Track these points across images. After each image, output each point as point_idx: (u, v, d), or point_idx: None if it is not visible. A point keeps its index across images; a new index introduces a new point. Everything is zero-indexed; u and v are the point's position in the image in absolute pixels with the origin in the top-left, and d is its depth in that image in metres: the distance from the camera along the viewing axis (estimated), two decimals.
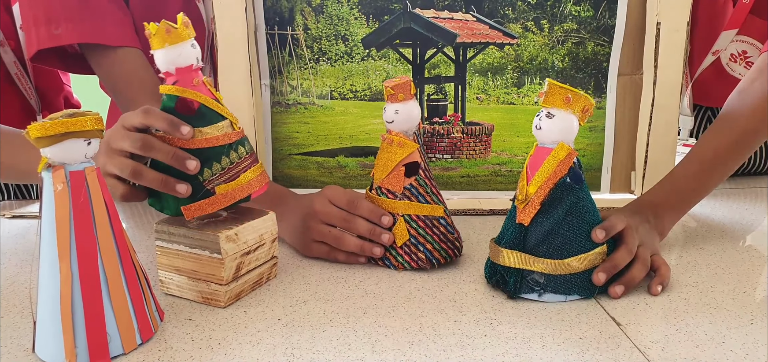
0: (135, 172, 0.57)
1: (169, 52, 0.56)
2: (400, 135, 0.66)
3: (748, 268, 0.67)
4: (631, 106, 0.84)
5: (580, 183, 0.59)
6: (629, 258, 0.60)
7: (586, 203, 0.60)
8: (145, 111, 0.57)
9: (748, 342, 0.52)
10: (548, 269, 0.58)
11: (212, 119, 0.58)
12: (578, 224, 0.59)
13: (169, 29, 0.55)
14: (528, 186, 0.59)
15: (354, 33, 0.84)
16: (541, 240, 0.59)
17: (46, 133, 0.45)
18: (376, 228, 0.66)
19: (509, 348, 0.51)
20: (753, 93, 0.76)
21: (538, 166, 0.59)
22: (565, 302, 0.59)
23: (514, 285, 0.59)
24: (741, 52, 0.96)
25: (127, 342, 0.50)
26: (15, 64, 0.94)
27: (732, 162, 0.75)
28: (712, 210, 0.87)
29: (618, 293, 0.59)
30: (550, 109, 0.58)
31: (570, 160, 0.58)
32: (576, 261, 0.59)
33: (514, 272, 0.59)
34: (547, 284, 0.59)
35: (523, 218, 0.59)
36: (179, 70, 0.57)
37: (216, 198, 0.57)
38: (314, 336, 0.53)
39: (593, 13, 0.82)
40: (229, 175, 0.58)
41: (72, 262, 0.47)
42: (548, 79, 0.58)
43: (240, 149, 0.59)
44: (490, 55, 0.84)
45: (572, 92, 0.57)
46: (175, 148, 0.56)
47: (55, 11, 0.79)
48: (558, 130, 0.58)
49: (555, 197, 0.58)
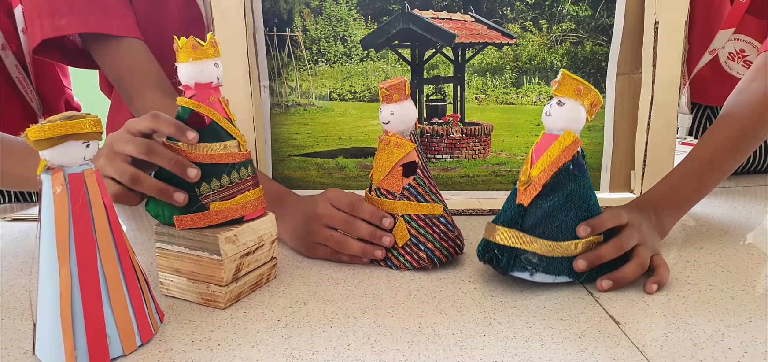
0: (133, 178, 0.58)
1: (192, 66, 0.57)
2: (396, 135, 0.66)
3: (747, 266, 0.67)
4: (630, 105, 0.84)
5: (582, 171, 0.60)
6: (616, 254, 0.61)
7: (586, 191, 0.61)
8: (153, 115, 0.58)
9: (747, 340, 0.52)
10: (543, 250, 0.59)
11: (221, 137, 0.59)
12: (576, 211, 0.60)
13: (196, 45, 0.57)
14: (531, 169, 0.60)
15: (353, 34, 0.84)
16: (539, 221, 0.60)
17: (45, 136, 0.45)
18: (377, 231, 0.66)
19: (508, 347, 0.51)
20: (752, 92, 0.76)
21: (543, 151, 0.60)
22: (564, 298, 0.59)
23: (507, 263, 0.60)
24: (739, 51, 0.96)
25: (127, 343, 0.50)
26: (16, 67, 0.94)
27: (732, 161, 0.75)
28: (712, 208, 0.87)
29: (603, 287, 0.60)
30: (561, 98, 0.59)
31: (575, 147, 0.60)
32: (571, 245, 0.59)
33: (507, 250, 0.60)
34: (539, 264, 0.60)
35: (524, 199, 0.60)
36: (198, 86, 0.58)
37: (208, 214, 0.58)
38: (314, 337, 0.54)
39: (591, 13, 0.82)
40: (225, 194, 0.58)
41: (71, 265, 0.47)
42: (562, 70, 0.59)
43: (242, 170, 0.60)
44: (489, 55, 0.84)
45: (584, 84, 0.59)
46: (177, 155, 0.57)
47: (58, 3, 0.80)
48: (566, 118, 0.59)
49: (557, 181, 0.59)
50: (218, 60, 0.59)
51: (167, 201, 0.58)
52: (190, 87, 0.59)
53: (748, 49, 0.95)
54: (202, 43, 0.58)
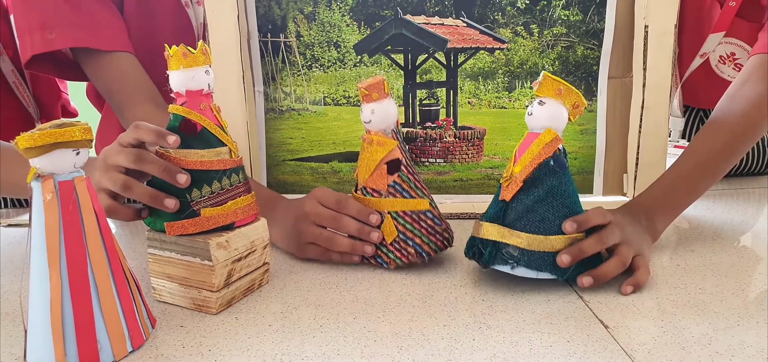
0: (125, 185, 0.58)
1: (183, 74, 0.58)
2: (379, 134, 0.67)
3: (738, 270, 0.68)
4: (622, 108, 0.84)
5: (563, 168, 0.61)
6: (598, 248, 0.61)
7: (567, 188, 0.62)
8: (135, 125, 0.59)
9: (735, 343, 0.52)
10: (523, 243, 0.60)
11: (212, 143, 0.59)
12: (557, 207, 0.61)
13: (186, 53, 0.58)
14: (514, 166, 0.61)
15: (346, 39, 0.84)
16: (520, 215, 0.61)
17: (35, 144, 0.45)
18: (365, 227, 0.67)
19: (497, 351, 0.52)
20: (742, 96, 0.76)
21: (525, 150, 0.61)
22: (553, 302, 0.60)
23: (489, 257, 0.61)
24: (729, 54, 0.96)
25: (118, 349, 0.51)
26: (13, 72, 0.95)
27: (723, 164, 0.75)
28: (705, 211, 0.88)
29: (585, 284, 0.61)
30: (542, 98, 0.61)
31: (555, 144, 0.61)
32: (552, 240, 0.60)
33: (490, 244, 0.61)
34: (520, 258, 0.60)
35: (506, 194, 0.62)
36: (189, 93, 0.59)
37: (199, 220, 0.58)
38: (304, 342, 0.54)
39: (582, 17, 0.82)
40: (216, 200, 0.59)
41: (62, 271, 0.48)
42: (544, 71, 0.61)
43: (233, 177, 0.61)
44: (481, 59, 0.85)
45: (564, 85, 0.60)
46: (167, 162, 0.57)
47: (49, 17, 0.80)
48: (547, 117, 0.61)
49: (537, 176, 0.61)
50: (209, 67, 0.60)
51: (159, 208, 0.58)
52: (182, 94, 0.59)
53: (738, 53, 0.96)
54: (192, 51, 0.58)
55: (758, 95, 0.76)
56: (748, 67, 0.80)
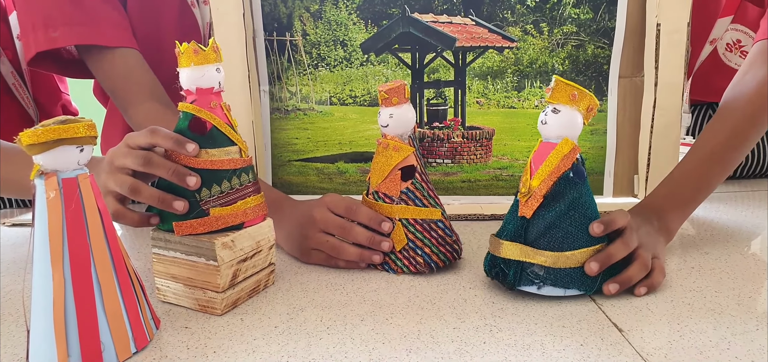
0: (133, 188, 0.57)
1: (194, 71, 0.57)
2: (395, 139, 0.65)
3: (754, 273, 0.66)
4: (633, 108, 0.83)
5: (582, 178, 0.59)
6: (626, 252, 0.60)
7: (588, 199, 0.60)
8: (152, 130, 0.58)
9: (754, 348, 0.51)
10: (548, 262, 0.58)
11: (221, 143, 0.58)
12: (580, 219, 0.59)
13: (197, 50, 0.57)
14: (531, 179, 0.59)
15: (353, 38, 0.83)
16: (543, 232, 0.58)
17: (38, 140, 0.44)
18: (375, 236, 0.65)
19: (509, 355, 0.51)
20: (746, 84, 0.75)
21: (541, 161, 0.59)
22: (566, 305, 0.58)
23: (513, 278, 0.59)
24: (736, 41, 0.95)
25: (122, 350, 0.50)
26: (12, 74, 0.94)
27: (732, 156, 0.74)
28: (717, 213, 0.86)
29: (611, 291, 0.59)
30: (555, 105, 0.58)
31: (574, 155, 0.59)
32: (577, 255, 0.58)
33: (514, 264, 0.59)
34: (546, 277, 0.58)
35: (526, 211, 0.59)
36: (200, 91, 0.58)
37: (208, 220, 0.57)
38: (310, 344, 0.53)
39: (593, 16, 0.81)
40: (226, 200, 0.58)
41: (65, 270, 0.47)
42: (555, 76, 0.58)
43: (243, 176, 0.60)
44: (490, 58, 0.83)
45: (578, 89, 0.58)
46: (176, 164, 0.57)
47: (52, 15, 0.80)
48: (563, 126, 0.58)
49: (558, 191, 0.58)
50: (220, 65, 0.59)
51: (167, 210, 0.57)
52: (192, 92, 0.58)
53: (744, 40, 0.95)
54: (203, 48, 0.58)
55: (761, 81, 0.74)
56: (750, 56, 0.80)
